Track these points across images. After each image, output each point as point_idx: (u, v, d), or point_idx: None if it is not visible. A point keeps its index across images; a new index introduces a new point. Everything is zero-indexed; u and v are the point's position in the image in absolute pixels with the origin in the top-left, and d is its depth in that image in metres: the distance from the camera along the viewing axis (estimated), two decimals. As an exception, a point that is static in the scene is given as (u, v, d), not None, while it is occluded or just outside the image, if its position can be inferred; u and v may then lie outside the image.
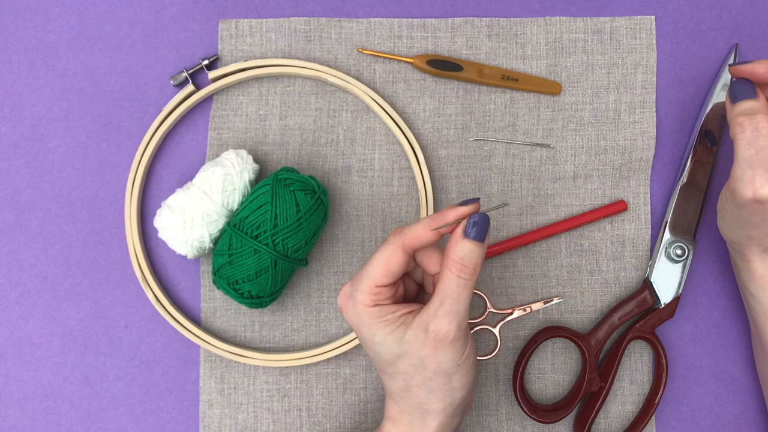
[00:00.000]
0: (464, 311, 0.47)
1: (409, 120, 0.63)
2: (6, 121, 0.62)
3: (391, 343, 0.48)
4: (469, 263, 0.47)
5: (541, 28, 0.63)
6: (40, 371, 0.61)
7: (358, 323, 0.49)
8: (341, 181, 0.62)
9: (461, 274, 0.47)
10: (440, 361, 0.48)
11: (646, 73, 0.63)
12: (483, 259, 0.48)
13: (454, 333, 0.47)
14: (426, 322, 0.47)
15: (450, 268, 0.47)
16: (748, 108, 0.49)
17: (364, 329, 0.49)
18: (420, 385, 0.49)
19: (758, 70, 0.50)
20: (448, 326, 0.47)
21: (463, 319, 0.47)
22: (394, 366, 0.49)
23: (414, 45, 0.63)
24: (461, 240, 0.47)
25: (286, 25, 0.63)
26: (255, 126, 0.62)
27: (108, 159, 0.62)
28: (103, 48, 0.63)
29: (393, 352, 0.48)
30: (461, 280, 0.47)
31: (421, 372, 0.48)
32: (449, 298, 0.47)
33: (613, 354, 0.61)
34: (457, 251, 0.47)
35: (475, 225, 0.47)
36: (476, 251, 0.47)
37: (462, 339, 0.48)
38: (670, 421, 0.62)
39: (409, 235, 0.48)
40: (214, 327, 0.62)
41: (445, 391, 0.49)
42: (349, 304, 0.49)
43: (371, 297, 0.48)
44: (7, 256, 0.62)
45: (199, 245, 0.57)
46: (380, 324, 0.48)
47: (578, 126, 0.63)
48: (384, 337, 0.48)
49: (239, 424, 0.61)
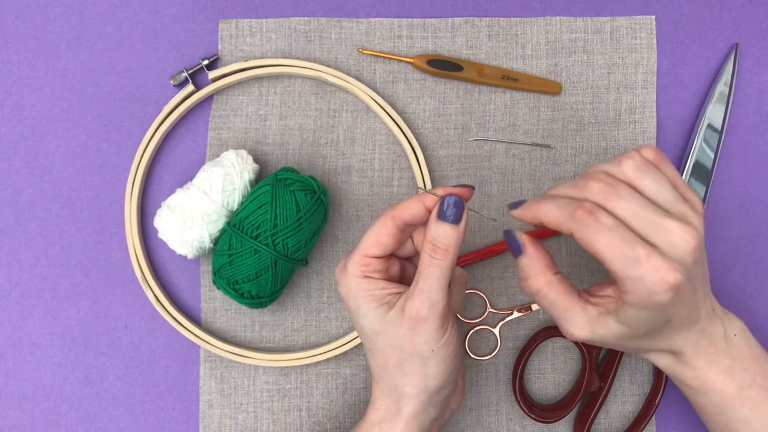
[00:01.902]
0: (437, 292, 0.47)
1: (409, 120, 0.63)
2: (6, 121, 0.62)
3: (373, 318, 0.49)
4: (440, 244, 0.47)
5: (542, 28, 0.63)
6: (40, 371, 0.61)
7: (347, 294, 0.50)
8: (341, 181, 0.62)
9: (433, 254, 0.47)
10: (415, 343, 0.48)
11: (646, 73, 0.63)
12: (458, 242, 0.48)
13: (426, 313, 0.47)
14: (403, 302, 0.48)
15: (425, 249, 0.48)
16: (522, 269, 0.49)
17: (351, 300, 0.49)
18: (396, 366, 0.49)
19: (543, 218, 0.48)
20: (419, 305, 0.47)
21: (437, 301, 0.47)
22: (374, 342, 0.49)
23: (414, 45, 0.63)
24: (434, 221, 0.48)
25: (286, 25, 0.63)
26: (255, 126, 0.62)
27: (108, 159, 0.62)
28: (103, 48, 0.63)
29: (374, 329, 0.49)
30: (433, 260, 0.47)
31: (398, 352, 0.49)
32: (422, 278, 0.48)
33: (613, 354, 0.61)
34: (430, 231, 0.48)
35: (449, 206, 0.48)
36: (449, 233, 0.47)
37: (437, 322, 0.48)
38: (670, 421, 0.62)
39: (399, 208, 0.49)
40: (214, 327, 0.62)
41: (420, 376, 0.49)
42: (342, 275, 0.50)
43: (361, 267, 0.49)
44: (7, 256, 0.62)
45: (199, 245, 0.57)
46: (366, 297, 0.49)
47: (578, 126, 0.63)
48: (368, 311, 0.49)
49: (239, 424, 0.61)
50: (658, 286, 0.44)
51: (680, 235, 0.44)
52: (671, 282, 0.43)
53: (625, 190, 0.45)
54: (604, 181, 0.46)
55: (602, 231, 0.44)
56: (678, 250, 0.44)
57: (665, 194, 0.46)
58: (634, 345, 0.50)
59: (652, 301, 0.44)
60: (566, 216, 0.46)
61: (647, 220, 0.44)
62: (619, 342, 0.49)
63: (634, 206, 0.45)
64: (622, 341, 0.49)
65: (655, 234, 0.44)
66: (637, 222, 0.44)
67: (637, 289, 0.44)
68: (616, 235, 0.44)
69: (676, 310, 0.46)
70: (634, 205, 0.45)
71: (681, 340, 0.50)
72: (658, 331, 0.48)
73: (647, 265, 0.43)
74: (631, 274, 0.44)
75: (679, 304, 0.46)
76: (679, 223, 0.45)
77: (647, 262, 0.43)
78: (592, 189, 0.46)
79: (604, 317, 0.47)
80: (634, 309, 0.46)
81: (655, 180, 0.46)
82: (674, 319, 0.47)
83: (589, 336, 0.48)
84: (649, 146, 0.48)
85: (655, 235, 0.44)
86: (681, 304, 0.46)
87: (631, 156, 0.47)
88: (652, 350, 0.51)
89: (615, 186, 0.45)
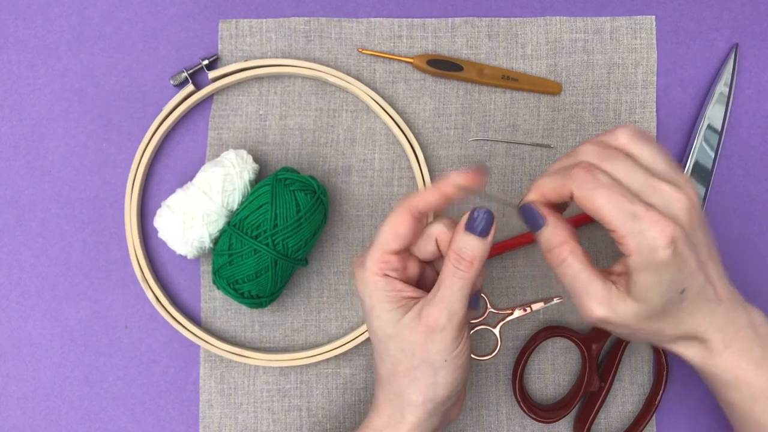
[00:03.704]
0: (457, 302, 0.47)
1: (409, 120, 0.63)
2: (6, 121, 0.62)
3: (387, 321, 0.48)
4: (466, 255, 0.47)
5: (541, 28, 0.63)
6: (40, 371, 0.61)
7: (363, 291, 0.49)
8: (341, 181, 0.62)
9: (457, 264, 0.47)
10: (428, 351, 0.47)
11: (646, 72, 0.63)
12: (484, 254, 0.47)
13: (444, 322, 0.47)
14: (421, 307, 0.47)
15: (449, 257, 0.47)
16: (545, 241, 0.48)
17: (367, 299, 0.49)
18: (405, 372, 0.48)
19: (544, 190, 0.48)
20: (438, 314, 0.47)
21: (456, 311, 0.47)
22: (385, 345, 0.49)
23: (414, 45, 0.63)
24: (462, 232, 0.47)
25: (286, 25, 0.63)
26: (255, 126, 0.62)
27: (108, 159, 0.62)
28: (103, 48, 0.63)
29: (386, 332, 0.48)
30: (457, 270, 0.47)
31: (409, 359, 0.48)
32: (444, 286, 0.47)
33: (613, 354, 0.61)
34: (457, 242, 0.47)
35: (476, 219, 0.47)
36: (476, 245, 0.47)
37: (453, 333, 0.47)
38: (670, 421, 0.62)
39: (414, 198, 0.48)
40: (214, 327, 0.62)
41: (428, 385, 0.48)
42: (359, 271, 0.49)
43: (380, 264, 0.48)
44: (7, 256, 0.62)
45: (199, 245, 0.57)
46: (382, 297, 0.48)
47: (578, 126, 0.63)
48: (382, 312, 0.48)
49: (239, 424, 0.61)
50: (658, 240, 0.44)
51: (675, 196, 0.45)
52: (669, 234, 0.44)
53: (619, 154, 0.46)
54: (597, 145, 0.46)
55: (601, 188, 0.44)
56: (674, 210, 0.45)
57: (659, 164, 0.47)
58: (655, 327, 0.48)
59: (654, 258, 0.44)
60: (562, 178, 0.46)
61: (641, 182, 0.45)
62: (640, 324, 0.47)
63: (628, 168, 0.45)
64: (642, 323, 0.47)
65: (650, 194, 0.45)
66: (631, 182, 0.45)
67: (638, 246, 0.44)
68: (615, 190, 0.44)
69: (686, 276, 0.46)
70: (628, 167, 0.45)
71: (705, 321, 0.48)
72: (675, 306, 0.47)
73: (646, 219, 0.44)
74: (631, 229, 0.44)
75: (684, 268, 0.45)
76: (672, 187, 0.45)
77: (645, 215, 0.44)
78: (586, 152, 0.46)
79: (620, 294, 0.47)
80: (642, 275, 0.45)
81: (650, 150, 0.47)
82: (689, 290, 0.46)
83: (608, 314, 0.47)
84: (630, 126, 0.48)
85: (650, 196, 0.45)
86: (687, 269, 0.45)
87: (626, 126, 0.47)
88: (677, 337, 0.49)
89: (609, 150, 0.46)
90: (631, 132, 0.47)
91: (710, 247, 0.48)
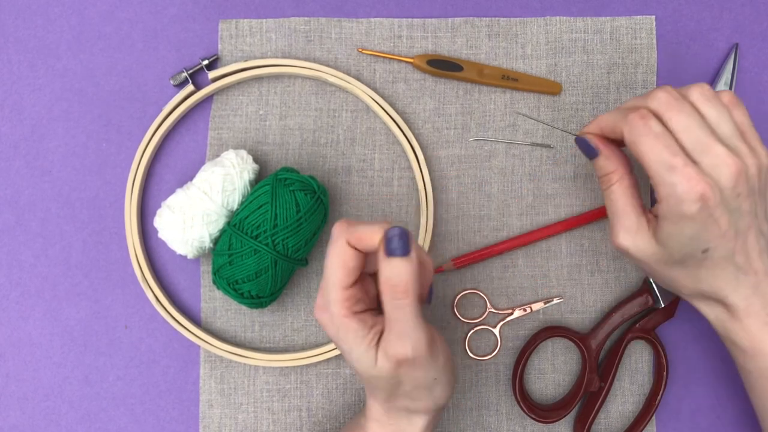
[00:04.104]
0: (414, 330, 0.45)
1: (409, 120, 0.63)
2: (6, 121, 0.62)
3: (366, 363, 0.47)
4: (398, 283, 0.44)
5: (541, 28, 0.63)
6: (40, 371, 0.61)
7: (336, 336, 0.47)
8: (341, 181, 0.62)
9: (394, 296, 0.44)
10: (415, 378, 0.47)
11: (646, 73, 0.63)
12: (413, 272, 0.44)
13: (412, 353, 0.45)
14: (386, 349, 0.46)
15: (384, 292, 0.45)
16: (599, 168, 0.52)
17: (342, 343, 0.47)
18: (403, 396, 0.49)
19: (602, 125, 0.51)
20: (403, 349, 0.45)
21: (419, 339, 0.45)
22: (375, 381, 0.48)
23: (414, 45, 0.63)
24: (384, 259, 0.44)
25: (286, 25, 0.63)
26: (255, 126, 0.62)
27: (108, 159, 0.62)
28: (103, 48, 0.63)
29: (371, 373, 0.47)
30: (396, 302, 0.44)
31: (401, 387, 0.48)
32: (393, 321, 0.45)
33: (613, 354, 0.61)
34: (384, 272, 0.44)
35: (392, 241, 0.44)
36: (402, 268, 0.44)
37: (427, 355, 0.46)
38: (670, 421, 0.62)
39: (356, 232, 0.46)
40: (214, 327, 0.62)
41: (428, 399, 0.49)
42: (325, 316, 0.47)
43: (345, 304, 0.46)
44: (7, 256, 0.62)
45: (199, 245, 0.57)
46: (356, 340, 0.46)
47: (578, 126, 0.63)
48: (360, 355, 0.47)
49: (239, 424, 0.61)
50: (686, 194, 0.45)
51: (724, 160, 0.46)
52: (699, 191, 0.45)
53: (687, 107, 0.47)
54: (671, 93, 0.47)
55: (648, 135, 0.46)
56: (718, 173, 0.46)
57: (724, 127, 0.47)
58: (673, 275, 0.50)
59: (680, 209, 0.46)
60: (620, 118, 0.48)
61: (697, 139, 0.46)
62: (657, 266, 0.50)
63: (689, 123, 0.46)
64: (659, 266, 0.49)
65: (701, 153, 0.46)
66: (686, 137, 0.46)
67: (668, 195, 0.46)
68: (660, 141, 0.46)
69: (712, 237, 0.47)
70: (690, 122, 0.46)
71: (728, 287, 0.49)
72: (696, 262, 0.48)
73: (681, 173, 0.45)
74: (666, 179, 0.46)
75: (712, 228, 0.46)
76: (727, 150, 0.46)
77: (682, 170, 0.45)
78: (656, 96, 0.47)
79: (648, 231, 0.49)
80: (666, 222, 0.47)
81: (719, 112, 0.48)
82: (713, 251, 0.47)
83: (629, 245, 0.49)
84: (727, 91, 0.49)
85: (700, 154, 0.46)
86: (716, 231, 0.46)
87: (700, 85, 0.48)
88: (698, 293, 0.50)
89: (679, 100, 0.47)
90: (703, 90, 0.48)
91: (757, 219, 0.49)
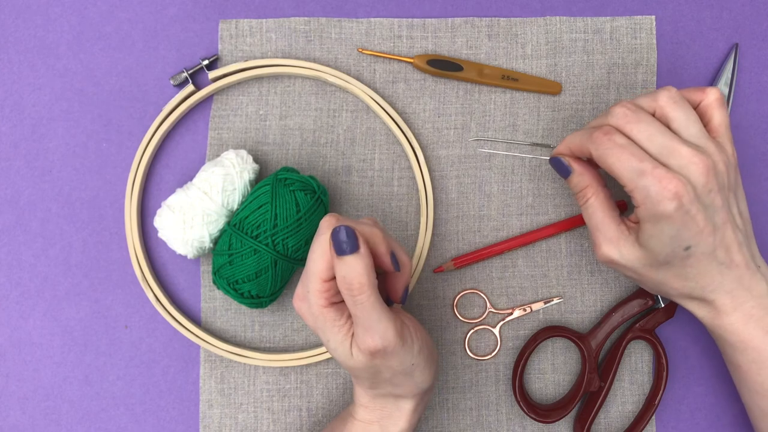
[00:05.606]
0: (380, 323, 0.46)
1: (409, 120, 0.63)
2: (6, 121, 0.62)
3: (343, 354, 0.48)
4: (353, 281, 0.45)
5: (541, 28, 0.63)
6: (40, 371, 0.61)
7: (314, 326, 0.49)
8: (341, 181, 0.62)
9: (351, 293, 0.45)
10: (391, 366, 0.48)
11: (646, 73, 0.63)
12: (367, 268, 0.45)
13: (381, 344, 0.46)
14: (357, 342, 0.47)
15: (342, 291, 0.46)
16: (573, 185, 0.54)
17: (320, 332, 0.49)
18: (385, 382, 0.50)
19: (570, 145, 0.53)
20: (372, 342, 0.46)
21: (386, 329, 0.46)
22: (354, 371, 0.49)
23: (414, 45, 0.63)
24: (336, 259, 0.46)
25: (286, 25, 0.63)
26: (255, 126, 0.62)
27: (108, 159, 0.62)
28: (103, 48, 0.63)
29: (347, 363, 0.48)
30: (354, 299, 0.45)
31: (381, 375, 0.49)
32: (357, 317, 0.46)
33: (613, 354, 0.61)
34: (338, 272, 0.46)
35: (339, 240, 0.46)
36: (354, 265, 0.45)
37: (398, 343, 0.47)
38: (670, 421, 0.62)
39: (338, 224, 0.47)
40: (214, 327, 0.62)
41: (410, 384, 0.50)
42: (304, 306, 0.49)
43: (323, 295, 0.47)
44: (7, 256, 0.62)
45: (199, 245, 0.57)
46: (333, 329, 0.48)
47: (578, 126, 0.63)
48: (337, 345, 0.48)
49: (239, 424, 0.61)
50: (661, 193, 0.46)
51: (691, 159, 0.47)
52: (672, 189, 0.46)
53: (645, 116, 0.49)
54: (627, 107, 0.49)
55: (614, 147, 0.48)
56: (688, 171, 0.47)
57: (691, 128, 0.49)
58: (660, 277, 0.51)
59: (657, 210, 0.47)
60: (586, 137, 0.50)
61: (661, 144, 0.48)
62: (644, 270, 0.51)
63: (650, 131, 0.48)
64: (646, 270, 0.51)
65: (668, 156, 0.47)
66: (650, 144, 0.48)
67: (644, 198, 0.47)
68: (626, 150, 0.48)
69: (692, 234, 0.48)
70: (651, 130, 0.48)
71: (713, 282, 0.50)
72: (680, 261, 0.49)
73: (651, 175, 0.47)
74: (638, 184, 0.47)
75: (691, 226, 0.47)
76: (692, 150, 0.47)
77: (653, 172, 0.47)
78: (614, 113, 0.49)
79: (630, 238, 0.50)
80: (646, 224, 0.48)
81: (686, 114, 0.49)
82: (695, 248, 0.48)
83: (615, 255, 0.51)
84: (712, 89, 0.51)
85: (667, 157, 0.47)
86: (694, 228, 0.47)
87: (667, 89, 0.50)
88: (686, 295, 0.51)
89: (636, 112, 0.49)
90: (670, 95, 0.49)
91: (731, 213, 0.50)
